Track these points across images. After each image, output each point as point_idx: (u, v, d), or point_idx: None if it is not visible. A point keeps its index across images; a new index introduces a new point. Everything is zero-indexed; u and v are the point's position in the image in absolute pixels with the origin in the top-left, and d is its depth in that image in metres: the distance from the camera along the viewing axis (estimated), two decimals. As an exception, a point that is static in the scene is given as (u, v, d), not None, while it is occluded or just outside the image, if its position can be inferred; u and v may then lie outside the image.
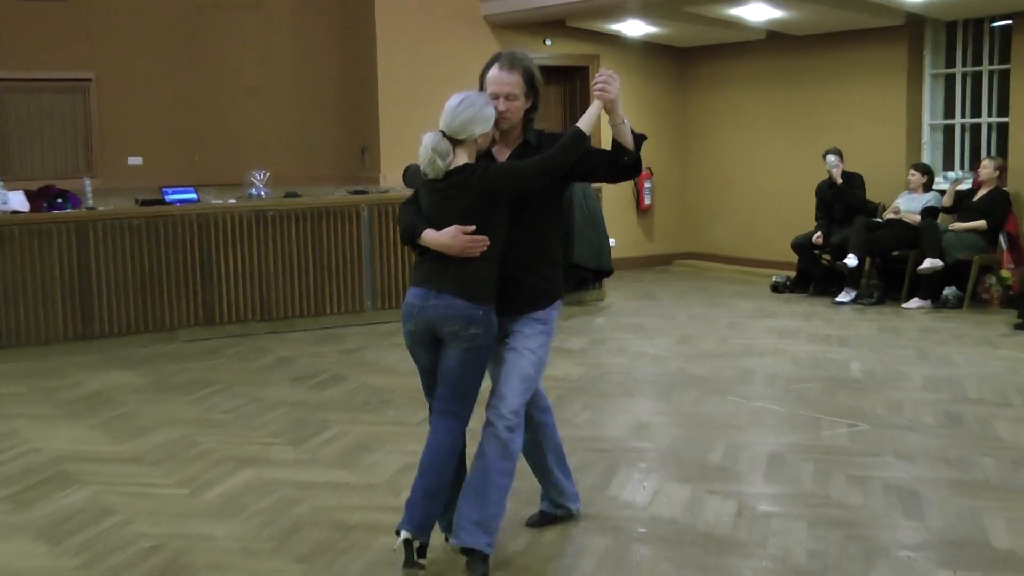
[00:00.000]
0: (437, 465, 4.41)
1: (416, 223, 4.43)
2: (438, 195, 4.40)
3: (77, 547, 4.83)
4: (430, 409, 4.57)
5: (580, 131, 4.40)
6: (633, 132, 4.53)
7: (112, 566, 4.61)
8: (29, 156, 13.17)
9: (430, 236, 4.36)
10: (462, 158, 4.37)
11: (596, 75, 4.51)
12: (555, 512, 5.05)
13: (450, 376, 4.43)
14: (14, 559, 4.73)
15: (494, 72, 4.58)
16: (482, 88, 4.60)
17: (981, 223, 10.49)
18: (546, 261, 4.63)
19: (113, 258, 9.27)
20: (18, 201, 9.14)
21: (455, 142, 4.37)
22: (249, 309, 9.88)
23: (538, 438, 4.86)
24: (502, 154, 4.59)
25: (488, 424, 4.45)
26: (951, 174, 11.09)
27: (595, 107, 4.46)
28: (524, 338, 4.54)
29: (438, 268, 4.38)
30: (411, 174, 4.50)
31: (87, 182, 9.81)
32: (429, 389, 4.59)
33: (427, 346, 4.48)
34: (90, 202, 9.55)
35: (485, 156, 4.49)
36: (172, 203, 9.73)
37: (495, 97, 4.49)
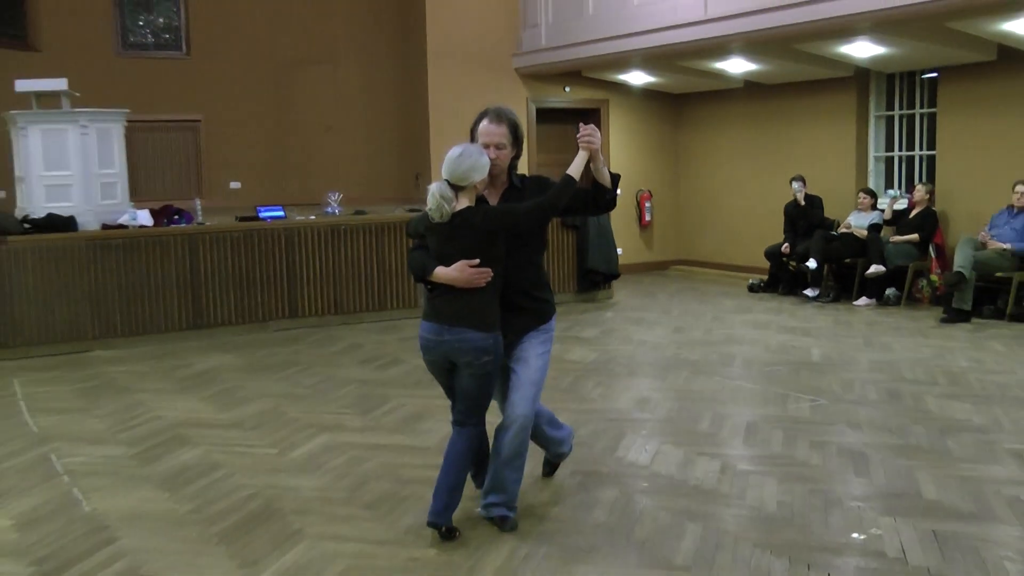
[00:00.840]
0: (457, 465, 4.30)
1: (426, 263, 4.24)
2: (444, 236, 4.20)
3: (190, 495, 4.88)
4: (452, 412, 4.41)
5: (571, 177, 4.19)
6: (609, 172, 4.38)
7: (218, 510, 4.64)
8: (153, 181, 13.27)
9: (440, 272, 4.18)
10: (464, 202, 4.17)
11: (581, 129, 4.24)
12: (558, 459, 5.06)
13: (467, 395, 4.28)
14: (141, 504, 4.77)
15: (485, 125, 4.33)
16: (473, 139, 4.35)
17: (915, 236, 10.45)
18: (540, 285, 4.47)
19: (218, 263, 9.32)
20: (144, 217, 9.21)
21: (457, 188, 4.16)
22: (325, 304, 9.90)
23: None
24: (492, 196, 4.36)
25: (506, 428, 4.33)
26: (890, 191, 11.14)
27: (582, 156, 4.23)
28: (530, 348, 4.37)
29: (448, 302, 4.20)
30: (412, 225, 4.33)
31: (198, 202, 9.86)
32: (452, 398, 4.41)
33: (444, 371, 4.34)
34: (200, 218, 9.60)
35: (478, 199, 4.26)
36: (264, 219, 9.77)
37: (486, 147, 4.26)
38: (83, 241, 8.72)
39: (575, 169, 4.21)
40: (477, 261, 4.14)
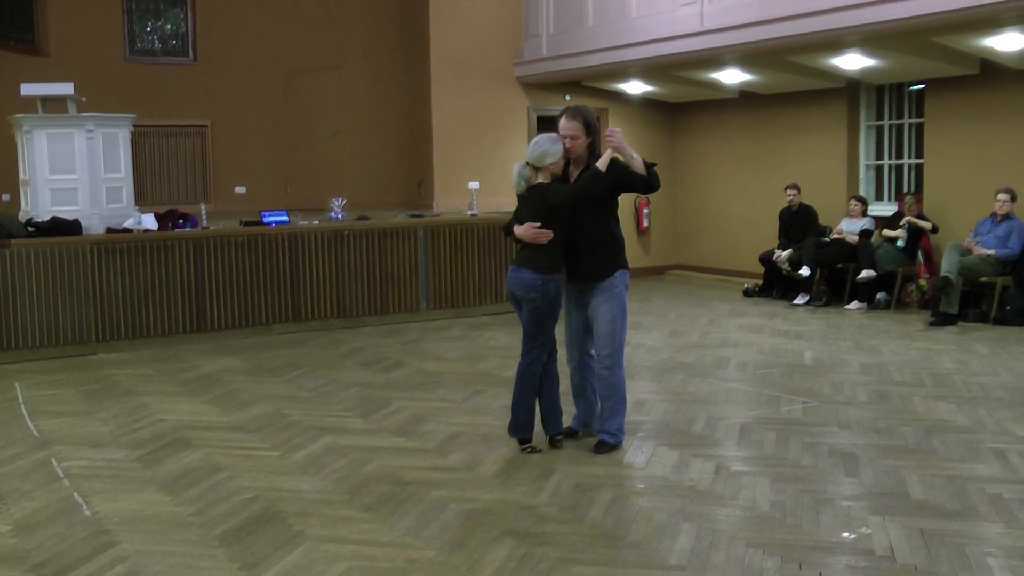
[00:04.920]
0: (522, 384, 5.40)
1: (508, 222, 5.49)
2: (521, 203, 5.42)
3: (193, 497, 4.85)
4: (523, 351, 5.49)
5: (598, 170, 5.24)
6: (646, 162, 5.32)
7: (220, 512, 4.62)
8: (158, 186, 13.27)
9: (517, 229, 5.36)
10: (541, 178, 5.32)
11: (606, 131, 5.25)
12: (582, 429, 5.77)
13: (524, 325, 5.41)
14: (144, 506, 4.75)
15: (562, 121, 5.40)
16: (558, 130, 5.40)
17: (901, 232, 10.43)
18: (602, 245, 5.37)
19: (222, 267, 9.29)
20: (149, 221, 9.17)
21: (536, 168, 5.31)
22: (329, 308, 9.87)
23: (585, 375, 5.65)
24: (575, 173, 5.42)
25: (588, 367, 5.59)
26: (897, 233, 10.61)
27: (607, 154, 5.26)
28: (597, 304, 5.39)
29: (520, 251, 5.43)
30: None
31: (203, 207, 9.83)
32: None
33: (516, 304, 5.43)
34: (205, 223, 9.57)
35: (563, 175, 5.40)
36: (269, 224, 9.73)
37: (563, 138, 5.33)
38: (88, 245, 8.68)
39: (602, 163, 5.25)
40: (539, 224, 5.25)
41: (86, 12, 12.84)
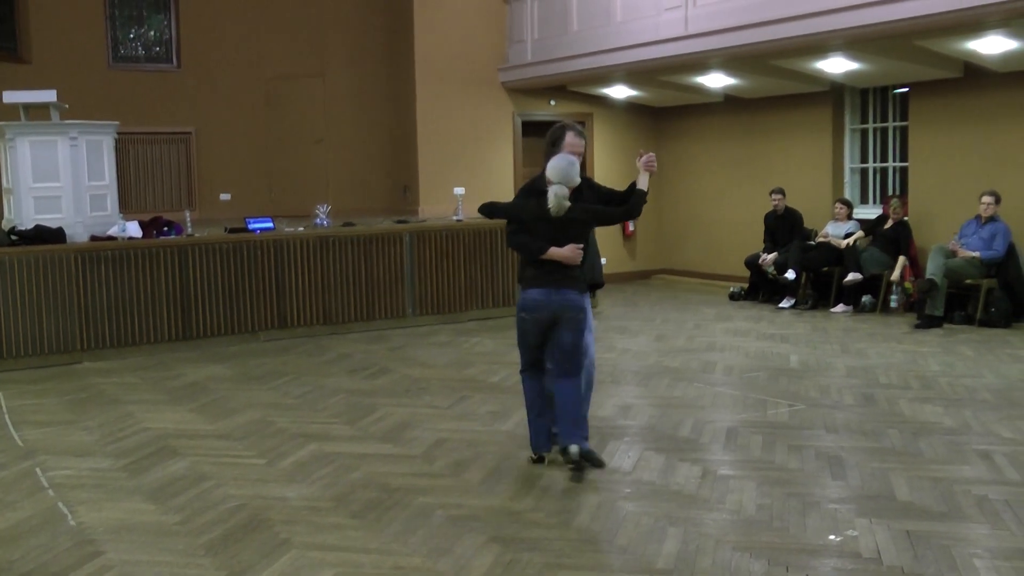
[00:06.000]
0: (575, 407, 5.20)
1: (539, 245, 5.18)
2: (557, 225, 5.16)
3: (179, 506, 4.83)
4: (526, 370, 5.39)
5: (644, 192, 5.33)
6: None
7: (206, 521, 4.60)
8: (143, 193, 13.24)
9: (554, 251, 5.16)
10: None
11: (646, 156, 5.37)
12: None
13: (568, 347, 5.18)
14: (130, 515, 4.72)
15: (572, 137, 5.34)
16: (554, 145, 5.33)
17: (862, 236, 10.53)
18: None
19: (208, 274, 9.26)
20: (134, 229, 9.15)
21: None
22: (314, 315, 9.85)
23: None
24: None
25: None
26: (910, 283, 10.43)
27: (647, 177, 5.35)
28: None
29: (553, 271, 5.19)
30: (501, 210, 5.65)
31: (188, 214, 9.82)
32: (530, 362, 5.37)
33: (543, 328, 5.22)
34: (190, 230, 9.55)
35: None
36: (254, 231, 9.72)
37: (574, 154, 5.26)
38: (72, 253, 8.64)
39: (645, 184, 5.34)
40: (581, 245, 5.21)
41: (69, 19, 12.80)
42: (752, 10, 9.80)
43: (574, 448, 5.14)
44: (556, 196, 5.08)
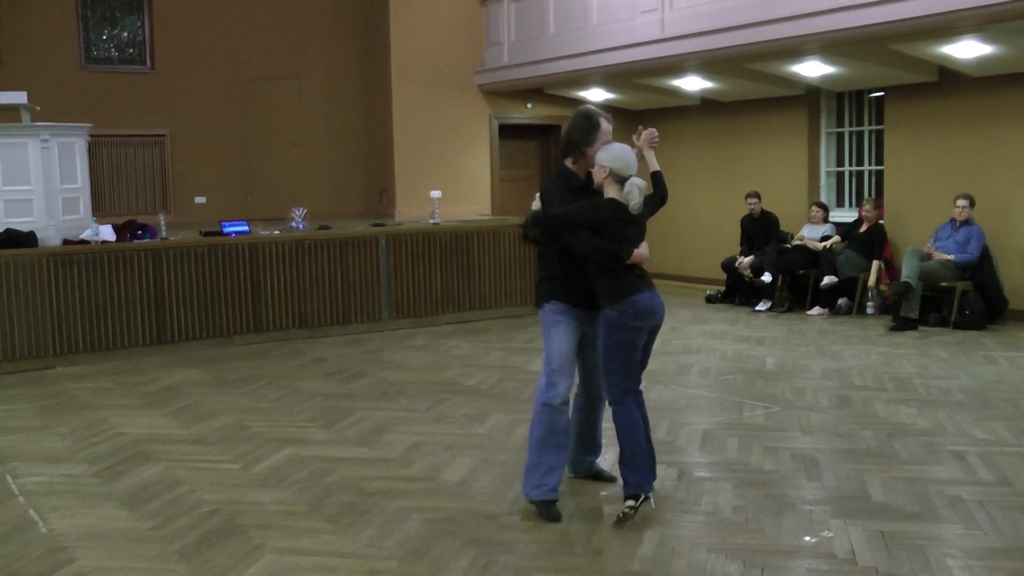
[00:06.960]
0: (644, 437, 4.59)
1: (627, 248, 4.50)
2: (633, 223, 4.56)
3: (152, 512, 4.80)
4: (632, 392, 4.64)
5: (660, 172, 4.89)
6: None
7: (180, 527, 4.58)
8: (117, 196, 13.17)
9: (638, 253, 4.53)
10: (613, 192, 4.61)
11: (646, 131, 4.89)
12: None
13: (647, 359, 4.69)
14: (103, 521, 4.69)
15: (607, 125, 4.77)
16: (589, 135, 4.71)
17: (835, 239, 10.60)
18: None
19: (182, 278, 9.21)
20: (107, 232, 9.08)
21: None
22: (290, 318, 9.81)
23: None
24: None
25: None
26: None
27: (652, 154, 4.90)
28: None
29: (644, 275, 4.62)
30: (561, 218, 4.58)
31: (162, 217, 9.76)
32: (638, 381, 4.67)
33: (646, 335, 4.61)
34: (164, 233, 9.49)
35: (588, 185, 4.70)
36: (229, 234, 9.68)
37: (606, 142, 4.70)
38: (44, 257, 8.56)
39: (655, 163, 4.85)
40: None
41: (40, 20, 12.72)
42: (728, 13, 9.87)
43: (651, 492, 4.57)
44: (642, 190, 4.53)
